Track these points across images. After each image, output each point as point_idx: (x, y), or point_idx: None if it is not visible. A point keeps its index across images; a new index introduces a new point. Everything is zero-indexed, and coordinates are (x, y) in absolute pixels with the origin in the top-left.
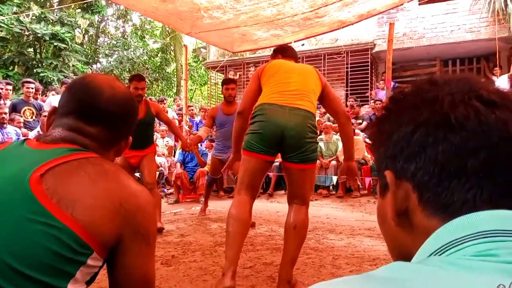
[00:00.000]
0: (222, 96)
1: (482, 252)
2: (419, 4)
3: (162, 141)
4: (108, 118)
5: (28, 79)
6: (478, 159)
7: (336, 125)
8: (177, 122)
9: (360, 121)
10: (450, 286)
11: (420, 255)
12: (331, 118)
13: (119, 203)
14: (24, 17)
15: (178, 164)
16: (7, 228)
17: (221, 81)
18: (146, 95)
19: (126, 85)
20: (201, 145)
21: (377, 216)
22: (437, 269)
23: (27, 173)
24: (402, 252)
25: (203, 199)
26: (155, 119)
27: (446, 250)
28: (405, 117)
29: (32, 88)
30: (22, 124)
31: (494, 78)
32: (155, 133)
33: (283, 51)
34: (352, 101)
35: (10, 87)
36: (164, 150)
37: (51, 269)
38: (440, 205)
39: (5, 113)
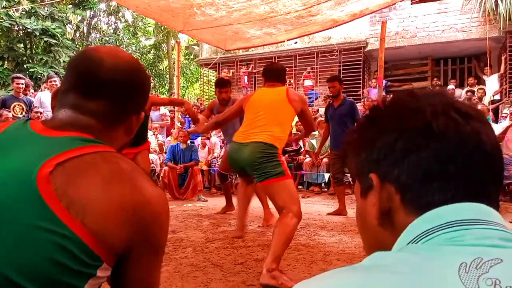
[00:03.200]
0: (214, 93)
1: (450, 239)
2: (412, 4)
3: (155, 138)
4: (110, 88)
5: (18, 75)
6: (456, 164)
7: None
8: (169, 119)
9: None
10: (420, 265)
11: (397, 245)
12: (323, 115)
13: (133, 210)
14: (13, 12)
15: (167, 168)
16: (12, 236)
17: (215, 82)
18: None
19: None
20: (194, 142)
21: (357, 216)
22: (412, 254)
23: (34, 168)
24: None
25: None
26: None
27: (421, 239)
28: (388, 125)
29: (22, 84)
30: (11, 120)
31: (484, 77)
32: (149, 130)
33: (268, 76)
34: None
35: None
36: (156, 147)
37: (58, 284)
38: (421, 204)
39: None
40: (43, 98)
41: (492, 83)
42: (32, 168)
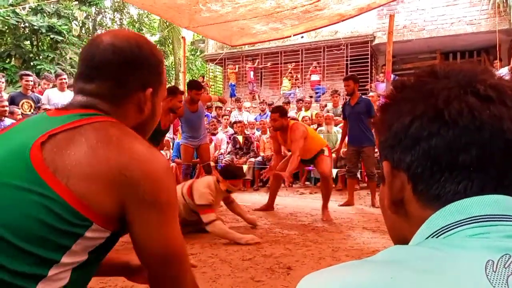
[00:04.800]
0: (220, 88)
1: (474, 235)
2: None
3: None
4: (104, 68)
5: (27, 72)
6: (469, 154)
7: (338, 117)
8: None
9: None
10: (443, 263)
11: (416, 239)
12: (330, 110)
13: (118, 170)
14: (20, 9)
15: (174, 164)
16: (4, 198)
17: (190, 83)
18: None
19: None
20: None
21: (379, 201)
22: (433, 249)
23: (32, 140)
24: (400, 237)
25: None
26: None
27: (441, 234)
28: (404, 108)
29: (31, 81)
30: (21, 117)
31: (494, 70)
32: None
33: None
34: None
35: (2, 79)
36: None
37: (44, 241)
38: (433, 196)
39: (6, 106)
40: (51, 95)
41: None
42: (30, 140)
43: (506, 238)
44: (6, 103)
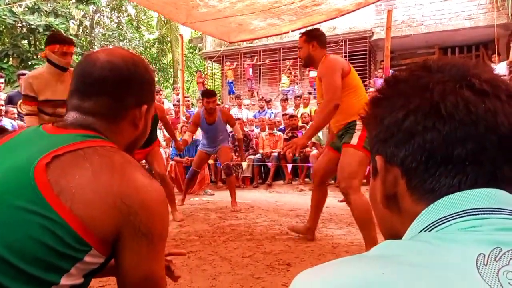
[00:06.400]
0: (219, 86)
1: (466, 229)
2: None
3: (161, 133)
4: (101, 86)
5: (24, 71)
6: (465, 148)
7: None
8: (173, 113)
9: None
10: (436, 257)
11: (409, 233)
12: None
13: (120, 198)
14: (17, 8)
15: (173, 162)
16: (5, 217)
17: (201, 92)
18: None
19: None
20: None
21: (369, 196)
22: (425, 243)
23: (34, 161)
24: (392, 232)
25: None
26: (159, 121)
27: (434, 228)
28: (397, 102)
29: None
30: (16, 116)
31: (492, 65)
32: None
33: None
34: None
35: (1, 80)
36: (162, 142)
37: (44, 263)
38: (426, 190)
39: (2, 105)
40: None
41: (500, 71)
42: (33, 160)
43: (497, 231)
44: (2, 102)
